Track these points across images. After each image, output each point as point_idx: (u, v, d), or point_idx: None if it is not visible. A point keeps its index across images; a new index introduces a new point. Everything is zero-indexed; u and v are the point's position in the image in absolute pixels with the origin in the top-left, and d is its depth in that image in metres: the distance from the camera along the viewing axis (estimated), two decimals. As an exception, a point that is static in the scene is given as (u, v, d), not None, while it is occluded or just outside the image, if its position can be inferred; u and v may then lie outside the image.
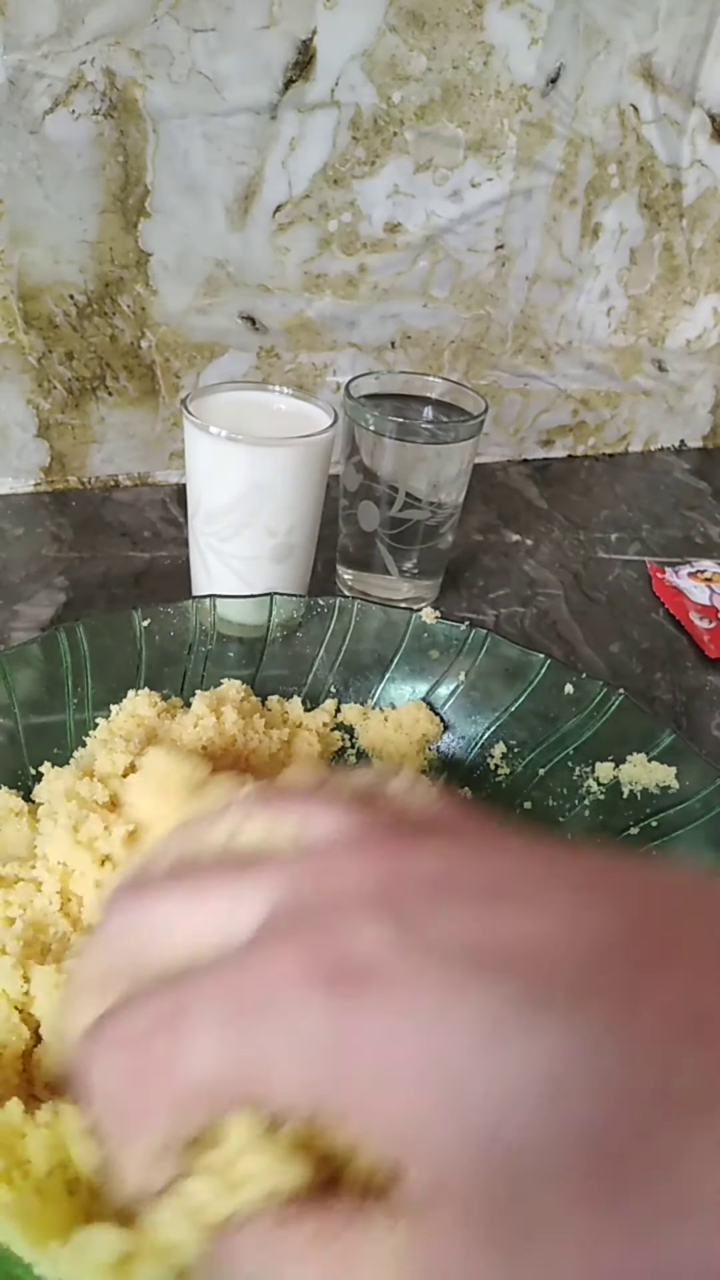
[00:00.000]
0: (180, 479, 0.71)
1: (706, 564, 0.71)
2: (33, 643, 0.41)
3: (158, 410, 0.68)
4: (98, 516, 0.67)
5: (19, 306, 0.61)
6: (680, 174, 0.74)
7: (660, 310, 0.82)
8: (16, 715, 0.39)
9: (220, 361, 0.68)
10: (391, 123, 0.63)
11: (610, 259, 0.76)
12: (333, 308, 0.69)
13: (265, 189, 0.62)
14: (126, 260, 0.61)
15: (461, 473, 0.55)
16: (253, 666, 0.45)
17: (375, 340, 0.72)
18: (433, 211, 0.67)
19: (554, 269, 0.74)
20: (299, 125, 0.61)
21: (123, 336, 0.64)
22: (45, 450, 0.67)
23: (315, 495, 0.50)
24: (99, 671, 0.42)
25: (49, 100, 0.55)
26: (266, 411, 0.51)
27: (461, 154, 0.66)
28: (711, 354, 0.87)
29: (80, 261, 0.60)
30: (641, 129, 0.71)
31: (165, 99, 0.57)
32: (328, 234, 0.66)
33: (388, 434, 0.53)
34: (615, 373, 0.83)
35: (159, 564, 0.62)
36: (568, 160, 0.69)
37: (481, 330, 0.75)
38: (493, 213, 0.69)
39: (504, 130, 0.66)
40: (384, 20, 0.59)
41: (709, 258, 0.80)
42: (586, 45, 0.65)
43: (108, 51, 0.54)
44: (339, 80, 0.60)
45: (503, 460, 0.84)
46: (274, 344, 0.69)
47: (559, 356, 0.80)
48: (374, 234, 0.67)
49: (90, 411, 0.66)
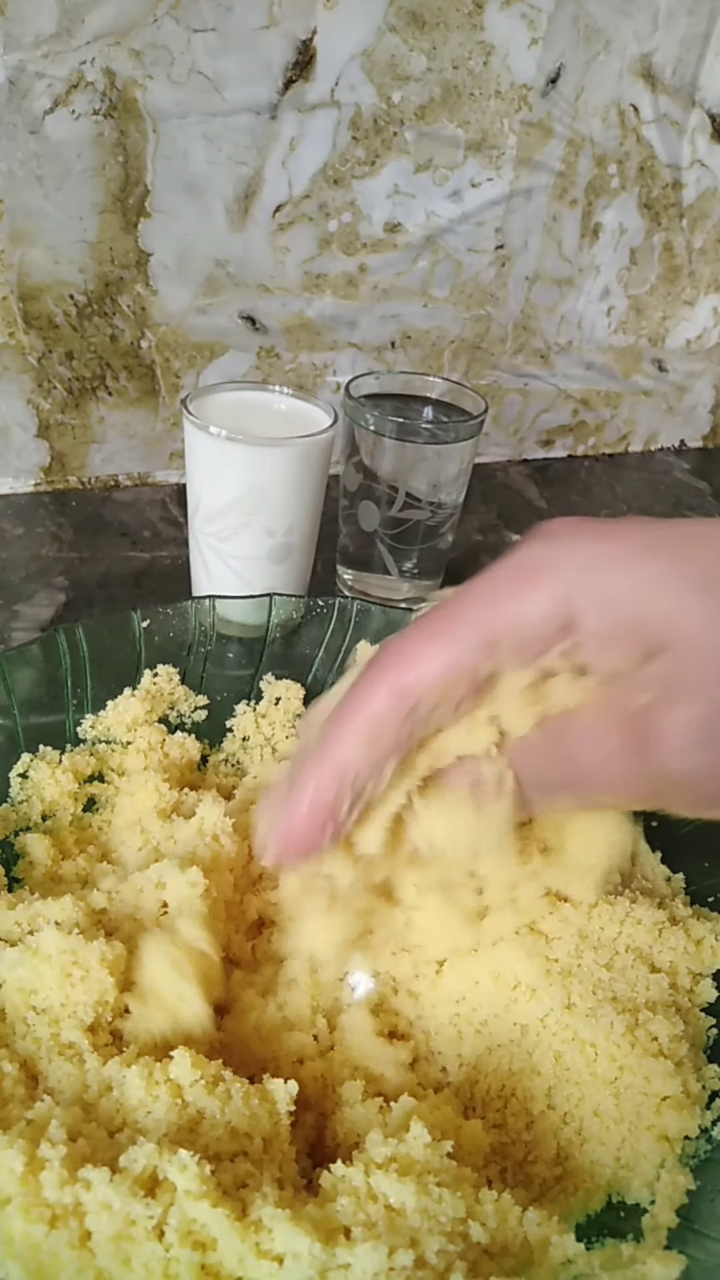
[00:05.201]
0: (180, 479, 0.71)
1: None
2: (33, 643, 0.41)
3: (158, 410, 0.68)
4: (98, 516, 0.67)
5: (19, 306, 0.61)
6: (680, 174, 0.74)
7: (660, 310, 0.81)
8: (16, 715, 0.39)
9: (220, 361, 0.68)
10: (391, 123, 0.63)
11: (610, 259, 0.76)
12: (333, 308, 0.69)
13: (265, 189, 0.62)
14: (126, 260, 0.61)
15: (461, 473, 0.55)
16: (253, 666, 0.45)
17: (375, 340, 0.72)
18: (433, 211, 0.67)
19: (554, 269, 0.74)
20: (299, 125, 0.61)
21: (123, 336, 0.64)
22: (45, 450, 0.67)
23: (315, 495, 0.50)
24: (99, 672, 0.42)
25: (49, 100, 0.55)
26: (266, 411, 0.51)
27: (461, 154, 0.66)
28: (711, 354, 0.87)
29: (80, 261, 0.60)
30: (641, 129, 0.71)
31: (165, 99, 0.57)
32: (328, 234, 0.66)
33: (388, 434, 0.53)
34: (615, 373, 0.83)
35: (159, 564, 0.62)
36: (568, 160, 0.69)
37: (481, 330, 0.75)
38: (493, 213, 0.69)
39: (504, 130, 0.66)
40: (384, 20, 0.59)
41: (709, 258, 0.80)
42: (586, 45, 0.65)
43: (108, 51, 0.54)
44: (339, 80, 0.60)
45: (503, 460, 0.84)
46: (274, 344, 0.69)
47: (559, 356, 0.80)
48: (374, 234, 0.67)
49: (90, 411, 0.66)
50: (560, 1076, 0.30)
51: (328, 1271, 0.23)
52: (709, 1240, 0.27)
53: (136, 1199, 0.23)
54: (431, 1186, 0.25)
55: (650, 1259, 0.25)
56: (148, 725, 0.42)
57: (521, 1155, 0.30)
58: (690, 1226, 0.27)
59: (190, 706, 0.44)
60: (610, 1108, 0.30)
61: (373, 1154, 0.26)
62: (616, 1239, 0.28)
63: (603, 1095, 0.30)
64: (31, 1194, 0.23)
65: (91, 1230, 0.23)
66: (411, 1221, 0.24)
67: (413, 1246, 0.23)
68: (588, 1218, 0.29)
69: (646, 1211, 0.28)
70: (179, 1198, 0.23)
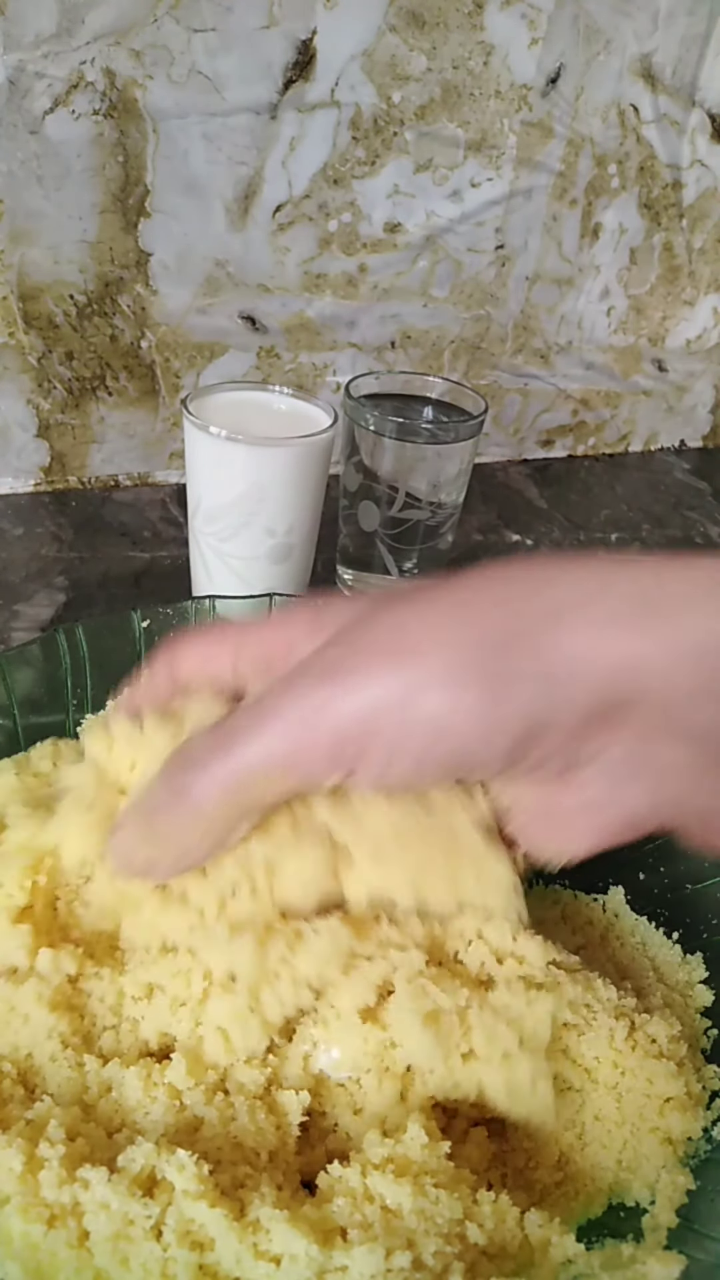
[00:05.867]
0: (180, 479, 0.71)
1: (706, 564, 0.71)
2: (33, 643, 0.41)
3: (158, 410, 0.68)
4: (98, 516, 0.67)
5: (19, 306, 0.61)
6: (680, 174, 0.74)
7: (660, 310, 0.81)
8: (16, 715, 0.39)
9: (220, 361, 0.68)
10: (391, 123, 0.63)
11: (610, 259, 0.76)
12: (333, 308, 0.69)
13: (265, 189, 0.62)
14: (126, 260, 0.61)
15: (461, 473, 0.55)
16: (252, 666, 0.45)
17: (375, 340, 0.72)
18: (433, 211, 0.67)
19: (554, 269, 0.74)
20: (299, 125, 0.60)
21: (123, 336, 0.64)
22: (45, 450, 0.67)
23: (315, 495, 0.50)
24: (98, 672, 0.42)
25: (49, 100, 0.55)
26: (266, 411, 0.51)
27: (461, 154, 0.66)
28: (711, 354, 0.87)
29: (80, 261, 0.60)
30: (641, 129, 0.71)
31: (165, 99, 0.57)
32: (328, 234, 0.66)
33: (388, 434, 0.53)
34: (615, 373, 0.83)
35: (159, 564, 0.62)
36: (568, 160, 0.69)
37: (481, 330, 0.75)
38: (493, 213, 0.69)
39: (504, 130, 0.66)
40: (384, 20, 0.59)
41: (709, 258, 0.80)
42: (586, 45, 0.65)
43: (108, 51, 0.54)
44: (339, 80, 0.60)
45: (503, 460, 0.84)
46: (274, 344, 0.69)
47: (559, 356, 0.80)
48: (374, 234, 0.67)
49: (90, 411, 0.66)
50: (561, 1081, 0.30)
51: (325, 1273, 0.23)
52: (709, 1240, 0.27)
53: (135, 1199, 0.23)
54: (429, 1188, 0.25)
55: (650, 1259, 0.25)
56: None
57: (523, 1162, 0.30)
58: (690, 1226, 0.27)
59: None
60: (612, 1111, 0.29)
61: (370, 1155, 0.26)
62: (616, 1239, 0.27)
63: (604, 1099, 0.30)
64: (30, 1193, 0.23)
65: (89, 1230, 0.23)
66: (408, 1223, 0.24)
67: (410, 1248, 0.23)
68: (588, 1219, 0.29)
69: (646, 1211, 0.28)
70: (177, 1198, 0.23)
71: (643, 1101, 0.29)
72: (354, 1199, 0.24)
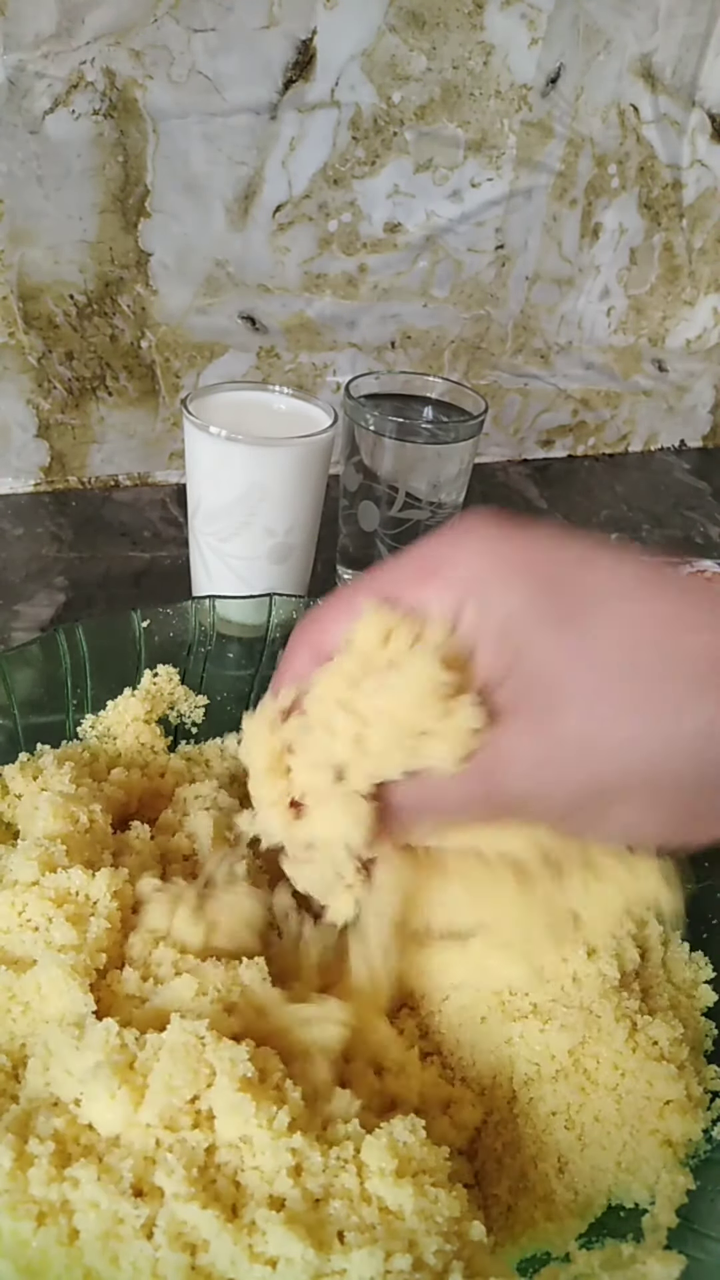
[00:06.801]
0: (180, 479, 0.71)
1: (706, 564, 0.71)
2: (33, 643, 0.41)
3: (158, 410, 0.68)
4: (98, 516, 0.67)
5: (19, 306, 0.61)
6: (680, 174, 0.74)
7: (660, 310, 0.81)
8: (16, 715, 0.39)
9: (220, 361, 0.68)
10: (391, 123, 0.63)
11: (610, 259, 0.76)
12: (333, 308, 0.69)
13: (265, 189, 0.62)
14: (126, 260, 0.61)
15: (461, 473, 0.55)
16: (252, 667, 0.45)
17: (375, 340, 0.72)
18: (433, 211, 0.67)
19: (554, 269, 0.74)
20: (299, 125, 0.60)
21: (123, 336, 0.64)
22: (45, 450, 0.67)
23: (315, 495, 0.50)
24: (99, 672, 0.42)
25: (49, 100, 0.55)
26: (266, 411, 0.51)
27: (461, 154, 0.66)
28: (711, 354, 0.87)
29: (80, 261, 0.60)
30: (641, 129, 0.71)
31: (165, 99, 0.57)
32: (328, 234, 0.65)
33: (388, 434, 0.53)
34: (615, 373, 0.83)
35: (159, 564, 0.62)
36: (568, 160, 0.69)
37: (481, 330, 0.75)
38: (493, 213, 0.69)
39: (504, 130, 0.66)
40: (384, 20, 0.59)
41: (709, 258, 0.80)
42: (586, 45, 0.65)
43: (108, 51, 0.54)
44: (339, 80, 0.60)
45: (503, 460, 0.84)
46: (274, 344, 0.69)
47: (559, 356, 0.80)
48: (374, 234, 0.67)
49: (90, 411, 0.66)
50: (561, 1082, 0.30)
51: (321, 1277, 0.22)
52: (709, 1240, 0.27)
53: (125, 1198, 0.23)
54: (428, 1187, 0.24)
55: (650, 1259, 0.25)
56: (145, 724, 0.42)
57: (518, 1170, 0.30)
58: (690, 1226, 0.27)
59: (190, 706, 0.44)
60: (612, 1112, 0.29)
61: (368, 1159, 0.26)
62: (616, 1239, 0.28)
63: (604, 1100, 0.30)
64: (19, 1190, 0.23)
65: (79, 1228, 0.23)
66: (409, 1224, 0.24)
67: (410, 1249, 0.23)
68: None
69: (646, 1212, 0.28)
70: (167, 1200, 0.23)
71: (642, 1104, 0.29)
72: (351, 1201, 0.24)
